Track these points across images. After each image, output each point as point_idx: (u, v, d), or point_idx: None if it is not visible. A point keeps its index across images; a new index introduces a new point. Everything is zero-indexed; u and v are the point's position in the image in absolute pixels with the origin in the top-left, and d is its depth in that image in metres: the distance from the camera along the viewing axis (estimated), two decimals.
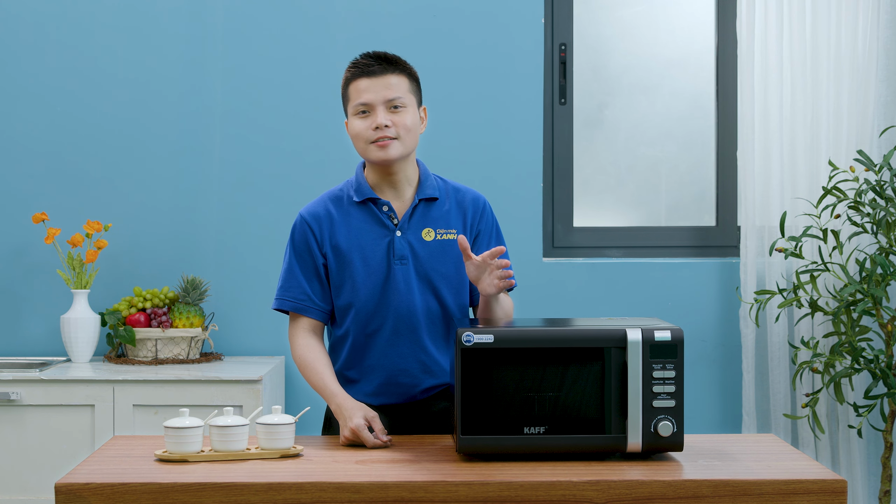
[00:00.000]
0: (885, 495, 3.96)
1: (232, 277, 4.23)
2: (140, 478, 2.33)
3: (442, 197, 2.81)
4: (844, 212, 4.04)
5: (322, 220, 2.79)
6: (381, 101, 2.72)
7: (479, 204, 2.84)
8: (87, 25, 4.23)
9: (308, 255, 2.79)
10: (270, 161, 4.24)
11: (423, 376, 2.80)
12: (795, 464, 2.46)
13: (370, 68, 2.74)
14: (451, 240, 2.79)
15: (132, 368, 3.93)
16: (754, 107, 4.16)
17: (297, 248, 2.80)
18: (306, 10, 4.24)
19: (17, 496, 3.77)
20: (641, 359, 2.45)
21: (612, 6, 4.41)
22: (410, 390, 2.80)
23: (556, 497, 2.30)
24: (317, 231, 2.78)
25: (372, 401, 2.81)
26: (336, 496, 2.29)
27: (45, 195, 4.22)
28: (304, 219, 2.80)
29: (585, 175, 4.40)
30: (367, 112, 2.73)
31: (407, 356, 2.78)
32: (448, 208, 2.81)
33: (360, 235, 2.77)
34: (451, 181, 2.87)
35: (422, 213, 2.79)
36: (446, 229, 2.79)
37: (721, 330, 4.27)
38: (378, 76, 2.73)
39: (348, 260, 2.77)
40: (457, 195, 2.83)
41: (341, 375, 2.83)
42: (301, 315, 2.80)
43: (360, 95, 2.73)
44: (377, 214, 2.78)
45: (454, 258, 2.78)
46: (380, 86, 2.73)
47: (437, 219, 2.79)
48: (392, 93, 2.73)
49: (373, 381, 2.80)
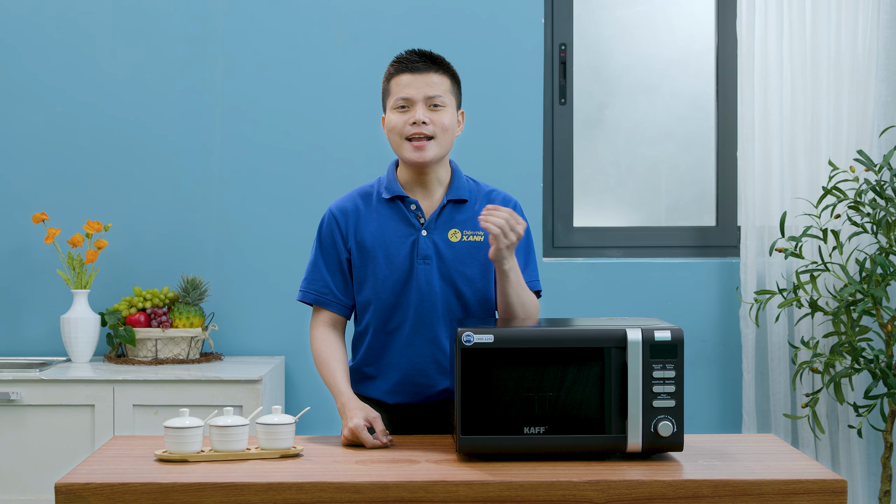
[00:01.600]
0: (885, 495, 3.96)
1: (232, 277, 4.23)
2: (140, 478, 2.33)
3: (472, 199, 2.81)
4: (844, 212, 4.04)
5: (349, 214, 2.80)
6: (421, 98, 2.73)
7: (508, 205, 2.81)
8: (87, 25, 4.23)
9: (333, 249, 2.80)
10: (270, 161, 4.24)
11: (440, 377, 2.80)
12: (795, 464, 2.46)
13: (414, 64, 2.74)
14: (478, 242, 2.78)
15: (132, 368, 3.93)
16: (754, 107, 4.16)
17: (324, 242, 2.82)
18: (306, 10, 4.24)
19: (17, 496, 3.77)
20: (641, 359, 2.45)
21: (612, 6, 4.41)
22: (426, 390, 2.80)
23: (556, 497, 2.30)
24: (343, 226, 2.80)
25: (388, 399, 2.82)
26: (336, 496, 2.29)
27: (45, 195, 4.22)
28: (332, 213, 2.82)
29: (585, 175, 4.40)
30: (406, 107, 2.73)
31: (424, 356, 2.78)
32: (477, 210, 2.80)
33: (385, 232, 2.78)
34: (484, 184, 2.86)
35: (449, 213, 2.79)
36: (473, 231, 2.79)
37: (721, 330, 4.27)
38: (421, 73, 2.74)
39: (371, 256, 2.77)
40: (487, 197, 2.83)
41: (359, 371, 2.85)
42: (322, 308, 2.82)
43: (401, 90, 2.74)
44: (404, 212, 2.78)
45: (480, 261, 2.78)
46: (422, 82, 2.73)
47: (465, 220, 2.79)
48: (433, 90, 2.73)
49: (390, 379, 2.81)
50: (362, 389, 2.85)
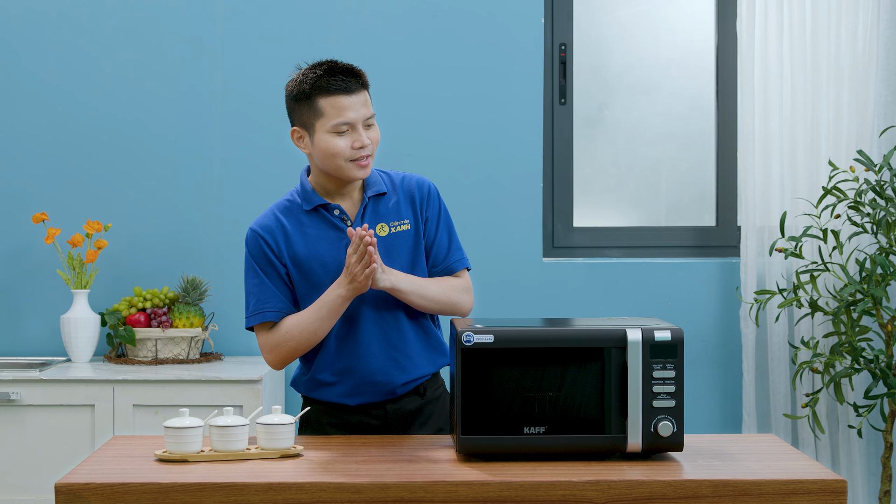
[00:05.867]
0: (885, 495, 3.96)
1: (232, 277, 4.23)
2: (140, 478, 2.33)
3: (389, 190, 2.81)
4: (844, 212, 4.04)
5: (275, 231, 2.77)
6: (361, 120, 2.71)
7: (423, 189, 2.83)
8: (87, 25, 4.23)
9: (270, 266, 2.76)
10: (270, 161, 4.24)
11: (397, 372, 2.80)
12: (795, 464, 2.46)
13: (348, 85, 2.70)
14: (405, 230, 2.79)
15: (132, 368, 3.93)
16: (754, 107, 4.16)
17: (259, 261, 2.77)
18: (306, 10, 4.24)
19: (17, 496, 3.77)
20: (641, 359, 2.45)
21: (612, 6, 4.41)
22: (387, 387, 2.80)
23: (556, 497, 2.30)
24: (272, 242, 2.76)
25: (349, 401, 2.81)
26: (336, 496, 2.29)
27: (45, 195, 4.22)
28: (256, 232, 2.78)
29: (585, 175, 4.40)
30: (346, 131, 2.70)
31: (379, 354, 2.78)
32: (397, 199, 2.80)
33: (316, 243, 2.76)
34: (393, 172, 2.86)
35: (373, 209, 2.79)
36: (398, 221, 2.79)
37: (721, 330, 4.27)
38: (355, 93, 2.71)
39: (308, 269, 2.76)
40: (402, 184, 2.83)
41: (315, 380, 2.82)
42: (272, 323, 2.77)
43: (341, 114, 2.69)
44: (330, 219, 2.77)
45: (409, 249, 2.79)
46: (358, 103, 2.71)
47: (388, 212, 2.79)
48: (368, 109, 2.72)
49: (347, 383, 2.80)
50: (321, 395, 2.83)
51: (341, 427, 2.82)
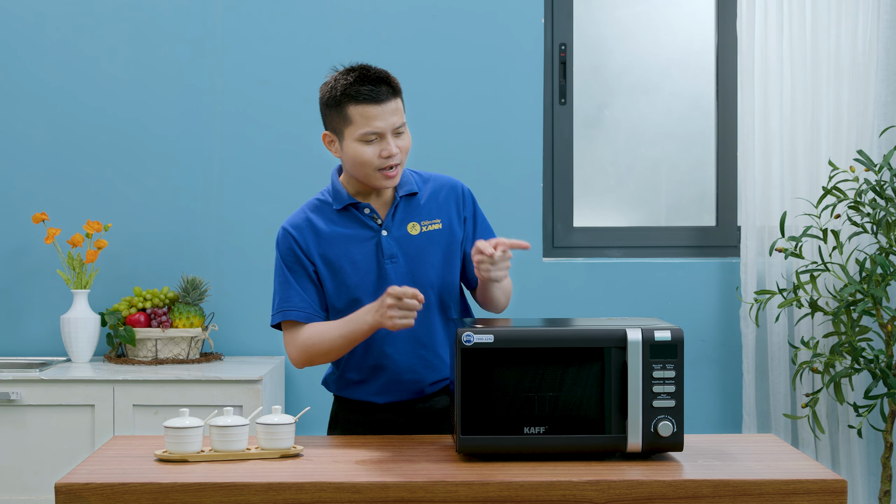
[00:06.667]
0: (885, 495, 3.96)
1: (232, 277, 4.23)
2: (140, 478, 2.33)
3: (420, 190, 2.81)
4: (844, 212, 4.04)
5: (305, 230, 2.77)
6: (390, 130, 2.69)
7: (457, 190, 2.84)
8: (87, 25, 4.23)
9: (298, 264, 2.76)
10: (270, 161, 4.24)
11: (426, 371, 2.80)
12: (795, 464, 2.46)
13: (378, 94, 2.68)
14: (437, 230, 2.79)
15: (132, 368, 3.93)
16: (754, 107, 4.16)
17: (287, 259, 2.77)
18: (306, 10, 4.24)
19: (17, 496, 3.77)
20: (641, 359, 2.45)
21: (612, 6, 4.41)
22: (416, 385, 2.80)
23: (556, 497, 2.30)
24: (301, 241, 2.76)
25: (378, 399, 2.81)
26: (336, 496, 2.29)
27: (45, 195, 4.22)
28: (287, 230, 2.78)
29: (585, 175, 4.40)
30: (374, 139, 2.69)
31: (408, 353, 2.78)
32: (428, 199, 2.81)
33: (346, 241, 2.76)
34: (423, 172, 2.86)
35: (404, 209, 2.79)
36: (430, 220, 2.79)
37: (721, 330, 4.27)
38: (385, 102, 2.69)
39: (338, 267, 2.76)
40: (434, 185, 2.83)
41: (344, 378, 2.84)
42: (302, 324, 2.76)
43: (369, 123, 2.67)
44: (360, 218, 2.77)
45: (442, 248, 2.79)
46: (388, 112, 2.69)
47: (420, 212, 2.80)
48: (399, 119, 2.70)
49: (376, 382, 2.81)
50: (350, 393, 2.84)
51: (370, 426, 2.82)
